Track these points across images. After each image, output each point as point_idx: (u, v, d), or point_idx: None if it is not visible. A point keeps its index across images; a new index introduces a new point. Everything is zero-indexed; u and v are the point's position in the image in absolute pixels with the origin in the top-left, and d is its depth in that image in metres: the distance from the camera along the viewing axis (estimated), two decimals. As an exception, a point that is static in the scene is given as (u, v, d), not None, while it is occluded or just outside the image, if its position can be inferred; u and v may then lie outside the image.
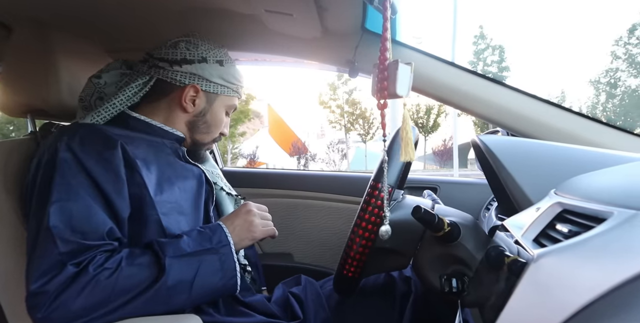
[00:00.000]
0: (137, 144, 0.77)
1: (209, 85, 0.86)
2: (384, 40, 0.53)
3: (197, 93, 0.85)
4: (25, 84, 0.88)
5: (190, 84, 0.84)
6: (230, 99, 0.90)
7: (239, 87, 0.91)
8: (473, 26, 33.89)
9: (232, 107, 0.92)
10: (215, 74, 0.86)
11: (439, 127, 20.01)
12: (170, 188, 0.77)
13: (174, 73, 0.83)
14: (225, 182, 0.98)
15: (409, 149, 0.59)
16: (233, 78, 0.88)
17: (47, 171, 0.68)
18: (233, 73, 0.89)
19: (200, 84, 0.85)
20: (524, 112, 0.95)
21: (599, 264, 0.34)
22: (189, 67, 0.84)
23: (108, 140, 0.72)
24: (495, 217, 0.91)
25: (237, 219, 0.79)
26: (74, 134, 0.70)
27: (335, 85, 20.01)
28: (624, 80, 19.48)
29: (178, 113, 0.86)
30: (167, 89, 0.85)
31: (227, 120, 0.94)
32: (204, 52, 0.85)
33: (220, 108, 0.90)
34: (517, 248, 0.52)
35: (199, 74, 0.84)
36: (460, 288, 0.58)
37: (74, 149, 0.68)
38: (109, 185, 0.68)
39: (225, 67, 0.87)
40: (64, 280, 0.61)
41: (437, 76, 1.00)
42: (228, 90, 0.88)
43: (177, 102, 0.85)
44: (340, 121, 20.59)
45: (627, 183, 0.45)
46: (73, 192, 0.66)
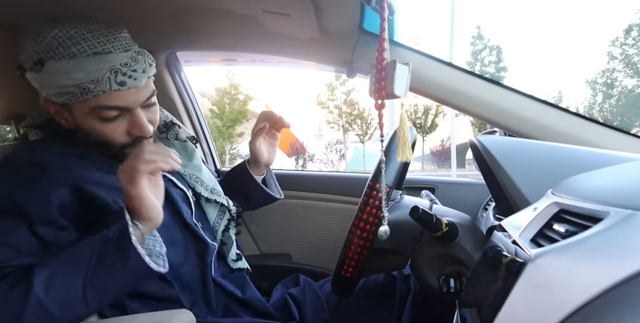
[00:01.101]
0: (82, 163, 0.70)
1: (49, 95, 0.67)
2: (381, 41, 0.53)
3: (54, 106, 0.70)
4: (8, 90, 0.87)
5: (40, 94, 0.70)
6: (87, 104, 0.66)
7: (89, 85, 0.64)
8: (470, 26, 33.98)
9: (103, 109, 0.67)
10: (42, 84, 0.66)
11: (436, 128, 20.02)
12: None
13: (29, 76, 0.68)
14: (207, 186, 0.88)
15: (405, 149, 0.59)
16: (64, 79, 0.63)
17: None
18: (62, 71, 0.63)
19: (43, 93, 0.68)
20: (521, 112, 0.96)
21: (596, 264, 0.34)
22: (28, 74, 0.68)
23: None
24: (493, 217, 0.91)
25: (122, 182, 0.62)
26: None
27: (333, 86, 20.00)
28: (621, 81, 19.55)
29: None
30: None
31: (123, 124, 0.70)
32: (20, 57, 0.67)
33: (87, 118, 0.68)
34: (514, 248, 0.52)
35: (35, 83, 0.68)
36: (458, 288, 0.58)
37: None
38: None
39: (47, 66, 0.64)
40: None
41: (434, 76, 1.00)
42: (71, 95, 0.65)
43: (55, 117, 0.72)
44: (339, 121, 20.59)
45: (623, 183, 0.46)
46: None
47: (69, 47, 0.63)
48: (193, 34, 1.12)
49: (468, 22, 32.97)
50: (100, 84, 0.64)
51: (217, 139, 17.84)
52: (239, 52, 1.20)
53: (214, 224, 0.88)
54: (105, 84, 0.64)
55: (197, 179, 0.88)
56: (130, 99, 0.68)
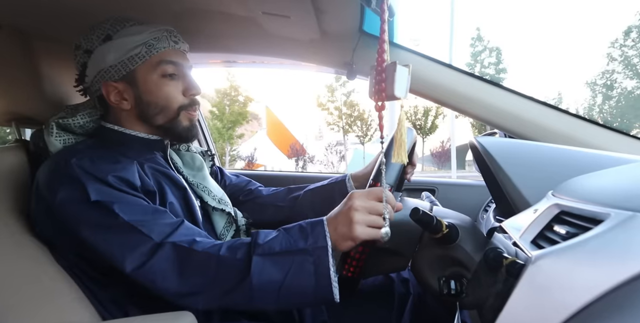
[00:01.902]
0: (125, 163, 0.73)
1: (114, 71, 0.77)
2: (381, 42, 0.53)
3: (116, 87, 0.78)
4: (8, 91, 0.87)
5: (101, 83, 0.78)
6: (152, 61, 0.77)
7: (152, 42, 0.76)
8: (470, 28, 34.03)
9: (164, 64, 0.77)
10: (109, 54, 0.76)
11: (436, 129, 20.04)
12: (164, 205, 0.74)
13: (90, 86, 0.80)
14: (214, 195, 0.87)
15: (401, 150, 0.59)
16: (131, 41, 0.75)
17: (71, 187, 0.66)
18: (129, 34, 0.76)
19: (108, 77, 0.77)
20: (521, 113, 0.96)
21: (597, 266, 0.34)
22: (88, 70, 0.78)
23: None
24: (494, 218, 0.91)
25: (339, 215, 0.65)
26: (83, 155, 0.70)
27: (333, 87, 20.03)
28: (620, 82, 19.58)
29: (128, 116, 0.81)
30: (103, 102, 0.81)
31: (179, 84, 0.80)
32: (85, 41, 0.77)
33: (149, 79, 0.77)
34: (515, 249, 0.52)
35: (97, 70, 0.77)
36: (459, 290, 0.58)
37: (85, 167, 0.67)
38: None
39: (114, 37, 0.76)
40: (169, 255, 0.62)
41: (434, 78, 1.00)
42: (138, 56, 0.76)
43: (115, 106, 0.80)
44: (339, 123, 20.61)
45: (624, 184, 0.46)
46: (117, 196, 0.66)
47: (129, 20, 0.78)
48: (193, 36, 1.12)
49: (468, 24, 33.09)
50: (160, 41, 0.77)
51: (217, 141, 17.85)
52: (239, 53, 1.20)
53: (220, 235, 0.86)
54: (164, 41, 0.78)
55: (204, 188, 0.87)
56: (183, 59, 0.81)
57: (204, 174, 0.90)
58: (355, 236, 0.62)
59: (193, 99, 0.82)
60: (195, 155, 0.93)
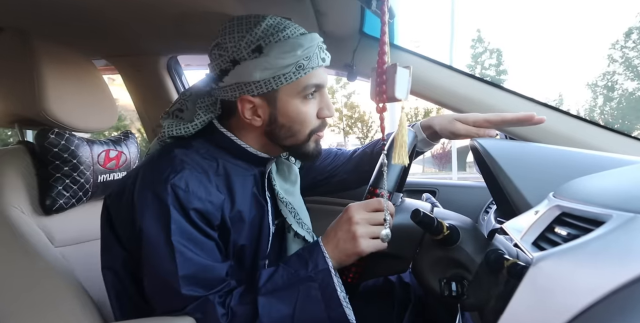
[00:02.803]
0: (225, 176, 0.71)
1: (255, 87, 0.69)
2: (382, 44, 0.53)
3: (252, 102, 0.71)
4: (11, 93, 0.87)
5: (239, 97, 0.71)
6: (298, 83, 0.70)
7: (303, 62, 0.68)
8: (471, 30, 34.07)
9: (309, 87, 0.71)
10: (256, 70, 0.68)
11: (437, 130, 20.01)
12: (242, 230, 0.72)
13: (223, 90, 0.72)
14: (299, 219, 0.81)
15: (402, 152, 0.59)
16: (284, 59, 0.67)
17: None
18: (283, 51, 0.67)
19: (246, 90, 0.70)
20: (522, 115, 0.96)
21: (598, 267, 0.34)
22: (228, 78, 0.70)
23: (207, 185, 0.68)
24: (495, 220, 0.91)
25: (339, 231, 0.66)
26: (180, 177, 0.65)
27: (334, 89, 20.04)
28: (621, 84, 19.57)
29: (250, 129, 0.75)
30: (229, 107, 0.74)
31: (315, 105, 0.74)
32: (233, 50, 0.69)
33: (290, 101, 0.71)
34: (516, 251, 0.52)
35: (238, 82, 0.69)
36: (460, 291, 0.57)
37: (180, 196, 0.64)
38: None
39: (266, 51, 0.67)
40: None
41: (435, 79, 1.00)
42: (285, 77, 0.68)
43: (243, 119, 0.73)
44: (339, 124, 20.61)
45: (625, 186, 0.45)
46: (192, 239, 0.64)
47: (283, 30, 0.69)
48: (194, 38, 1.12)
49: (468, 25, 33.11)
50: (311, 60, 0.69)
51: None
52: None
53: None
54: (315, 60, 0.70)
55: (292, 209, 0.80)
56: (324, 76, 0.74)
57: (295, 190, 0.85)
58: (361, 251, 0.64)
59: (325, 121, 0.76)
60: (292, 166, 0.86)
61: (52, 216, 0.84)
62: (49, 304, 0.66)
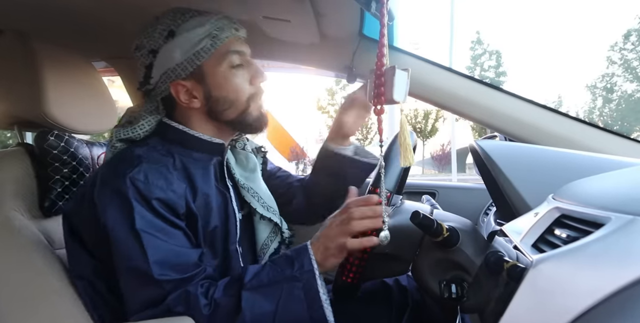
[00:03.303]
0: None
1: (181, 69, 0.73)
2: (381, 46, 0.53)
3: (184, 85, 0.74)
4: (10, 95, 0.87)
5: (168, 84, 0.74)
6: (218, 53, 0.73)
7: (215, 32, 0.73)
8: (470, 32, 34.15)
9: (230, 54, 0.74)
10: (175, 50, 0.72)
11: (437, 132, 20.05)
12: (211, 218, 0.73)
13: (157, 87, 0.75)
14: (264, 202, 0.83)
15: (407, 154, 0.59)
16: (196, 34, 0.72)
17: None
18: (193, 27, 0.72)
19: (175, 75, 0.73)
20: (521, 117, 0.96)
21: (598, 269, 0.34)
22: (154, 71, 0.74)
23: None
24: (494, 222, 0.91)
25: (330, 229, 0.68)
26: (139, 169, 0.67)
27: (334, 91, 20.07)
28: (620, 85, 19.62)
29: (195, 115, 0.77)
30: (169, 102, 0.77)
31: (245, 73, 0.77)
32: (148, 40, 0.73)
33: (217, 72, 0.74)
34: (516, 253, 0.52)
35: (163, 70, 0.73)
36: (460, 293, 0.57)
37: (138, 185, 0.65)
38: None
39: (178, 32, 0.72)
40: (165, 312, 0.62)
41: (434, 81, 1.00)
42: (203, 49, 0.72)
43: (183, 106, 0.76)
44: (339, 126, 20.60)
45: (624, 188, 0.46)
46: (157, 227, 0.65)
47: (188, 12, 0.74)
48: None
49: (467, 27, 33.21)
50: (224, 31, 0.74)
51: (217, 144, 17.76)
52: (240, 57, 1.20)
53: (263, 246, 0.83)
54: (227, 30, 0.74)
55: (254, 194, 0.83)
56: (245, 47, 0.78)
57: (256, 177, 0.87)
58: (346, 248, 0.65)
59: (260, 86, 0.79)
60: (250, 155, 0.89)
61: (51, 218, 0.84)
62: (48, 306, 0.66)
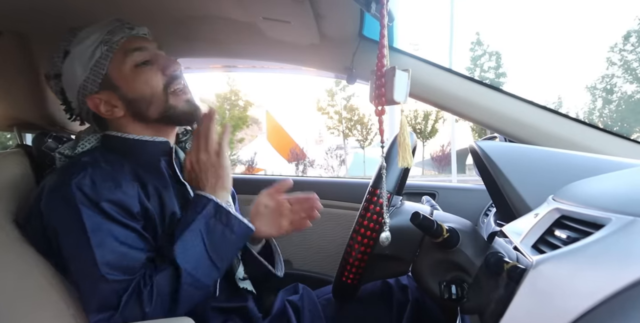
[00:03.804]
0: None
1: (88, 85, 0.74)
2: (381, 47, 0.53)
3: (99, 98, 0.75)
4: (10, 97, 0.87)
5: (84, 101, 0.76)
6: (117, 56, 0.74)
7: (106, 37, 0.73)
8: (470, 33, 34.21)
9: (129, 53, 0.74)
10: (75, 68, 0.73)
11: (436, 133, 20.05)
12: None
13: (79, 108, 0.78)
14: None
15: (406, 155, 0.59)
16: (86, 46, 0.73)
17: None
18: (83, 40, 0.74)
19: (87, 91, 0.75)
20: (521, 118, 0.96)
21: (598, 270, 0.34)
22: (68, 94, 0.77)
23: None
24: (494, 222, 0.91)
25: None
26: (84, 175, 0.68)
27: (333, 92, 20.07)
28: (620, 86, 19.61)
29: (125, 123, 0.78)
30: (97, 118, 0.80)
31: (154, 68, 0.76)
32: (51, 67, 0.76)
33: (123, 74, 0.74)
34: (516, 254, 0.52)
35: (75, 90, 0.75)
36: (460, 294, 0.57)
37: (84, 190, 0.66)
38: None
39: (71, 49, 0.74)
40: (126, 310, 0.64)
41: (434, 82, 1.00)
42: (102, 60, 0.73)
43: (109, 117, 0.78)
44: (339, 127, 20.63)
45: (624, 189, 0.46)
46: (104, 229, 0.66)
47: (77, 30, 0.76)
48: (194, 41, 1.13)
49: (467, 28, 33.24)
50: (115, 33, 0.74)
51: (217, 145, 17.76)
52: (240, 58, 1.20)
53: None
54: (120, 32, 0.75)
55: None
56: (147, 43, 0.78)
57: None
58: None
59: (172, 74, 0.77)
60: None
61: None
62: (47, 308, 0.66)
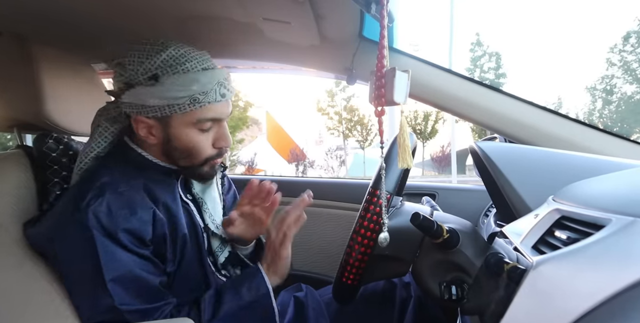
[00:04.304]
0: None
1: (149, 110, 0.71)
2: (381, 48, 0.53)
3: (146, 123, 0.73)
4: (10, 98, 0.87)
5: (133, 116, 0.74)
6: (192, 115, 0.72)
7: (198, 96, 0.71)
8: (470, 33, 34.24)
9: (203, 121, 0.73)
10: (151, 95, 0.70)
11: (436, 134, 20.05)
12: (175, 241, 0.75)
13: (124, 104, 0.75)
14: (214, 219, 0.84)
15: (406, 155, 0.59)
16: (178, 91, 0.69)
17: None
18: (178, 84, 0.70)
19: (141, 112, 0.72)
20: (521, 118, 0.96)
21: (598, 271, 0.34)
22: (125, 96, 0.73)
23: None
24: (494, 223, 0.91)
25: (273, 251, 0.77)
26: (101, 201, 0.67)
27: (333, 92, 20.08)
28: (620, 87, 19.61)
29: (150, 144, 0.77)
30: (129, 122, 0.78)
31: (211, 135, 0.77)
32: (130, 73, 0.71)
33: (183, 130, 0.73)
34: (516, 255, 0.52)
35: (134, 102, 0.72)
36: (460, 295, 0.57)
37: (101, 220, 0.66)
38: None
39: (162, 80, 0.69)
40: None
41: (434, 83, 1.00)
42: (179, 107, 0.70)
43: (140, 135, 0.76)
44: (339, 128, 20.63)
45: (624, 190, 0.45)
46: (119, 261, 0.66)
47: (183, 63, 0.71)
48: (194, 42, 1.12)
49: (467, 29, 33.25)
50: (208, 95, 0.71)
51: (217, 146, 17.76)
52: (240, 59, 1.20)
53: (216, 251, 0.84)
54: (212, 95, 0.72)
55: (206, 209, 0.84)
56: (224, 111, 0.76)
57: (211, 191, 0.87)
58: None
59: (221, 150, 0.79)
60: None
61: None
62: (48, 310, 0.66)
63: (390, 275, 0.77)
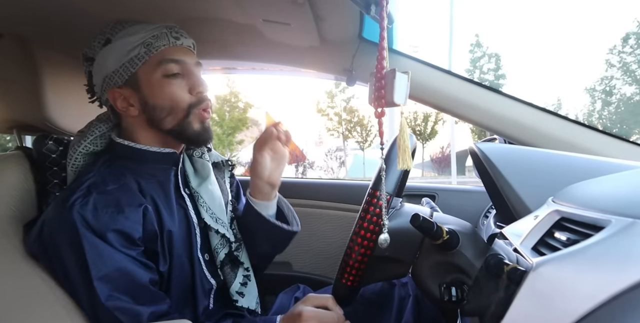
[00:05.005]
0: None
1: (115, 77, 0.74)
2: (380, 49, 0.53)
3: (120, 93, 0.75)
4: (10, 99, 0.87)
5: (107, 94, 0.76)
6: (152, 61, 0.73)
7: (150, 40, 0.73)
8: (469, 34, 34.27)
9: (165, 63, 0.74)
10: (109, 59, 0.73)
11: (436, 135, 20.05)
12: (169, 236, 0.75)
13: (99, 92, 0.78)
14: (212, 213, 0.82)
15: (406, 156, 0.59)
16: (129, 42, 0.72)
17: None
18: (127, 35, 0.73)
19: (112, 83, 0.74)
20: (520, 119, 0.96)
21: (598, 273, 0.34)
22: (94, 78, 0.76)
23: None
24: (494, 224, 0.91)
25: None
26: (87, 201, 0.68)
27: (333, 93, 20.08)
28: (619, 88, 19.64)
29: (137, 126, 0.78)
30: (113, 111, 0.80)
31: (183, 83, 0.76)
32: (89, 50, 0.76)
33: (152, 80, 0.74)
34: (516, 256, 0.52)
35: (102, 78, 0.75)
36: (460, 296, 0.57)
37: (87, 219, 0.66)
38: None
39: (114, 41, 0.73)
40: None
41: (434, 84, 1.00)
42: (137, 57, 0.73)
43: (122, 114, 0.78)
44: (338, 129, 20.63)
45: (624, 191, 0.46)
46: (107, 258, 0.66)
47: (131, 24, 0.75)
48: (194, 42, 1.13)
49: (467, 30, 33.31)
50: (159, 39, 0.74)
51: (217, 147, 17.85)
52: (240, 60, 1.20)
53: (214, 250, 0.83)
54: (164, 38, 0.74)
55: (203, 203, 0.82)
56: (186, 56, 0.77)
57: (207, 185, 0.85)
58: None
59: (201, 96, 0.77)
60: (205, 163, 0.88)
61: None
62: (46, 313, 0.66)
63: (390, 277, 0.77)
